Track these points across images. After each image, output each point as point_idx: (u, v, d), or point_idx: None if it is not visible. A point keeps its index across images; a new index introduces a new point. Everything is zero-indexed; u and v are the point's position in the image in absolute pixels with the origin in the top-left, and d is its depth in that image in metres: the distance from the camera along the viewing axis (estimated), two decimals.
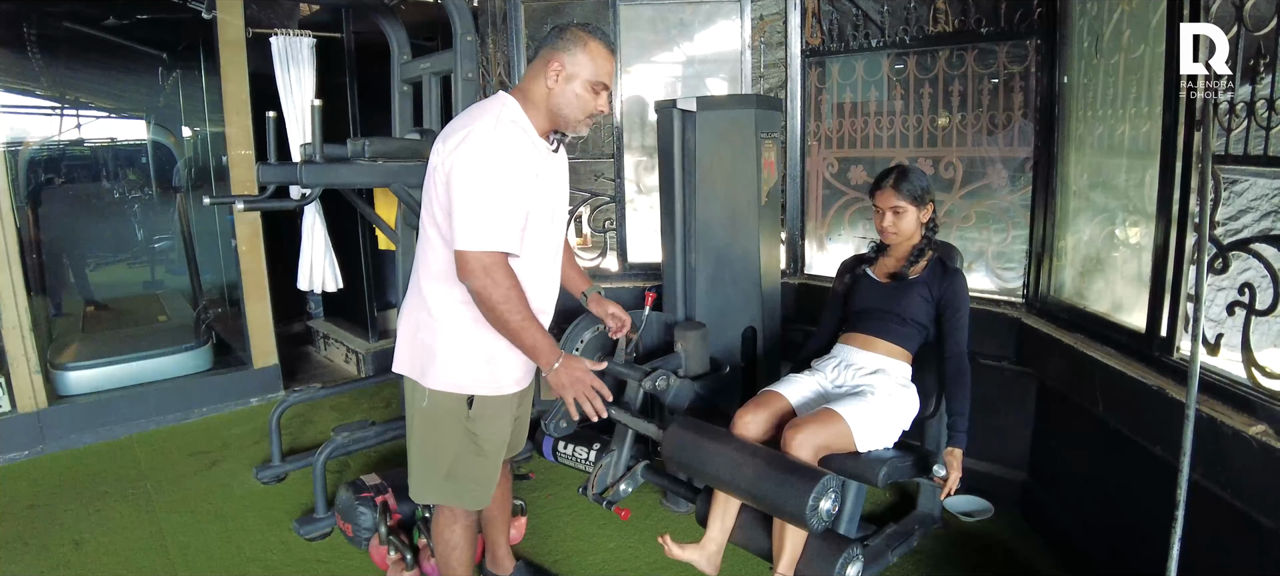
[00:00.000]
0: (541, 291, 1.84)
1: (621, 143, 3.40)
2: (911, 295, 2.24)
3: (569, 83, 1.70)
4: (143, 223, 5.07)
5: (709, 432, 2.04)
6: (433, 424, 1.84)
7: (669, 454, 2.09)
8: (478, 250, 1.60)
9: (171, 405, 3.81)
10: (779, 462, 1.88)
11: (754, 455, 1.93)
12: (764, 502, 1.88)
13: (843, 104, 3.23)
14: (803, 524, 1.79)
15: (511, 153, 1.63)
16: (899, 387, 2.16)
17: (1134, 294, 2.21)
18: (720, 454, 1.97)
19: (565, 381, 1.71)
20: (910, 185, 2.23)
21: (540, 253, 1.79)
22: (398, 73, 3.15)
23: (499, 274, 1.62)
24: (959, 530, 2.66)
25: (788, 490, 1.80)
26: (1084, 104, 2.49)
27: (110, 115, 5.01)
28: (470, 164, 1.61)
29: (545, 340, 1.69)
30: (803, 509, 1.76)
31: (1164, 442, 1.89)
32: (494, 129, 1.64)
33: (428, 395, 1.81)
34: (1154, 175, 2.06)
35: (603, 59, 1.72)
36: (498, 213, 1.61)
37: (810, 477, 1.79)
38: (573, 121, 1.75)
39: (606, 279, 3.47)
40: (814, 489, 1.75)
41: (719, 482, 1.99)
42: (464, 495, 1.90)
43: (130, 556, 2.60)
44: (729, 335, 2.78)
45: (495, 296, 1.62)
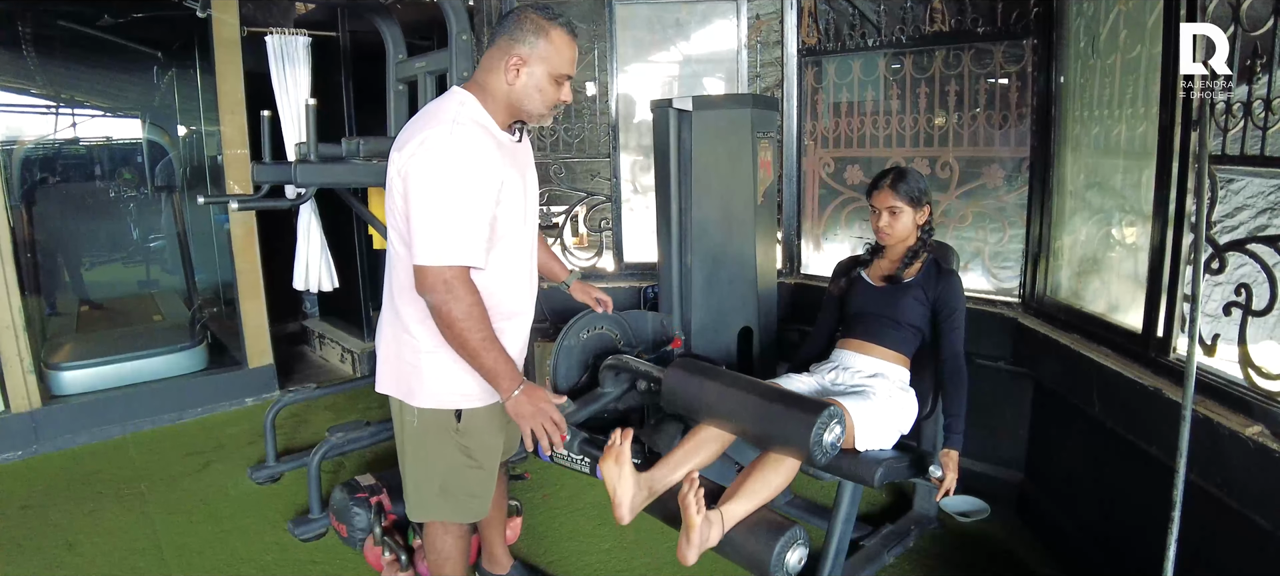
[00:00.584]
0: (518, 293, 1.78)
1: (617, 142, 3.39)
2: (906, 299, 2.24)
3: (530, 75, 1.60)
4: (138, 222, 5.04)
5: (708, 370, 1.99)
6: (423, 442, 1.79)
7: (670, 386, 2.00)
8: (437, 265, 1.52)
9: (166, 405, 3.79)
10: (783, 394, 1.84)
11: (756, 385, 1.88)
12: (766, 430, 1.81)
13: (839, 104, 3.22)
14: (805, 454, 1.73)
15: (472, 157, 1.53)
16: (899, 391, 2.15)
17: (1131, 294, 2.20)
18: (723, 384, 1.91)
19: (525, 411, 1.61)
20: (908, 186, 2.22)
21: (514, 254, 1.72)
22: (393, 72, 3.14)
23: (460, 289, 1.53)
24: (955, 530, 2.66)
25: (793, 417, 1.74)
26: (1080, 104, 2.48)
27: (105, 114, 4.98)
28: (427, 172, 1.51)
29: (506, 364, 1.60)
30: (806, 437, 1.70)
31: (1160, 443, 1.88)
32: (450, 133, 1.53)
33: (416, 415, 1.76)
34: (1150, 175, 2.05)
35: (565, 47, 1.62)
36: (458, 224, 1.52)
37: (815, 407, 1.74)
38: (535, 115, 1.67)
39: (603, 279, 3.46)
40: (819, 417, 1.70)
41: (719, 413, 1.91)
42: (461, 509, 1.86)
43: (124, 558, 2.58)
44: (725, 336, 2.77)
45: (455, 313, 1.54)
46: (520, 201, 1.69)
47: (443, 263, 1.52)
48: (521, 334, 1.84)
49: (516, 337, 1.82)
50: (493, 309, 1.70)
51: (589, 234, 3.58)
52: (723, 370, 2.00)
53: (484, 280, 1.67)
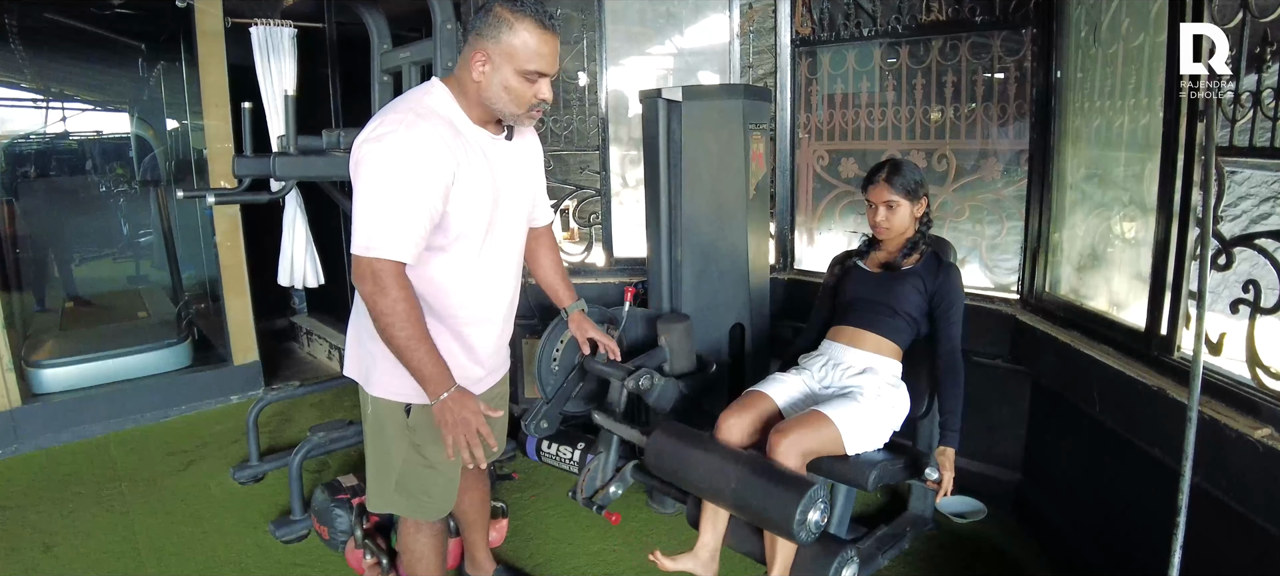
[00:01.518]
0: (483, 297, 1.70)
1: (607, 134, 3.32)
2: (904, 286, 2.17)
3: (496, 73, 1.51)
4: (123, 217, 4.97)
5: (692, 439, 1.97)
6: (378, 432, 1.75)
7: (652, 463, 2.02)
8: (365, 256, 1.47)
9: (149, 403, 3.73)
10: (764, 470, 1.81)
11: (738, 462, 1.85)
12: (750, 514, 1.82)
13: (834, 95, 3.15)
14: (790, 536, 1.73)
15: (417, 150, 1.46)
16: (889, 387, 2.09)
17: (1133, 290, 2.14)
18: (704, 462, 1.90)
19: (449, 418, 1.53)
20: (904, 179, 2.16)
21: (480, 256, 1.65)
22: (377, 63, 3.07)
23: (387, 282, 1.47)
24: (951, 531, 2.60)
25: (774, 501, 1.73)
26: (1081, 95, 2.42)
27: (89, 108, 4.91)
28: (369, 161, 1.46)
29: (435, 366, 1.52)
30: (790, 521, 1.69)
31: (1163, 445, 1.83)
32: (401, 123, 1.47)
33: (371, 403, 1.72)
34: (1154, 168, 1.99)
35: (536, 41, 1.49)
36: (392, 216, 1.46)
37: (797, 488, 1.71)
38: (509, 115, 1.57)
39: (592, 274, 3.39)
40: (801, 500, 1.68)
41: (704, 492, 1.93)
42: (417, 507, 1.81)
43: (101, 560, 2.53)
44: (716, 332, 2.70)
45: (381, 306, 1.48)
46: (485, 202, 1.60)
47: (370, 254, 1.47)
48: (489, 339, 1.77)
49: (484, 342, 1.75)
50: (450, 310, 1.65)
51: (579, 228, 3.51)
52: (701, 441, 1.99)
53: (439, 279, 1.62)
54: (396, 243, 1.47)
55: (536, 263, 2.03)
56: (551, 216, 2.04)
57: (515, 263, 1.78)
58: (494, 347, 1.79)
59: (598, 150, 3.36)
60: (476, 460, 1.56)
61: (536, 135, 1.84)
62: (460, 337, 1.70)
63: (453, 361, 1.67)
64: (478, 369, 1.76)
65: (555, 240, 2.07)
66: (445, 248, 1.59)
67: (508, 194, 1.68)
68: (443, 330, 1.67)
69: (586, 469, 2.33)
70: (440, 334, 1.66)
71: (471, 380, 1.75)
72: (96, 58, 4.53)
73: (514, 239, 1.75)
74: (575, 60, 3.33)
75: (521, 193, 1.74)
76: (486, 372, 1.80)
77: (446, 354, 1.64)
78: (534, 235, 1.99)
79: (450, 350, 1.67)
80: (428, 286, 1.62)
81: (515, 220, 1.73)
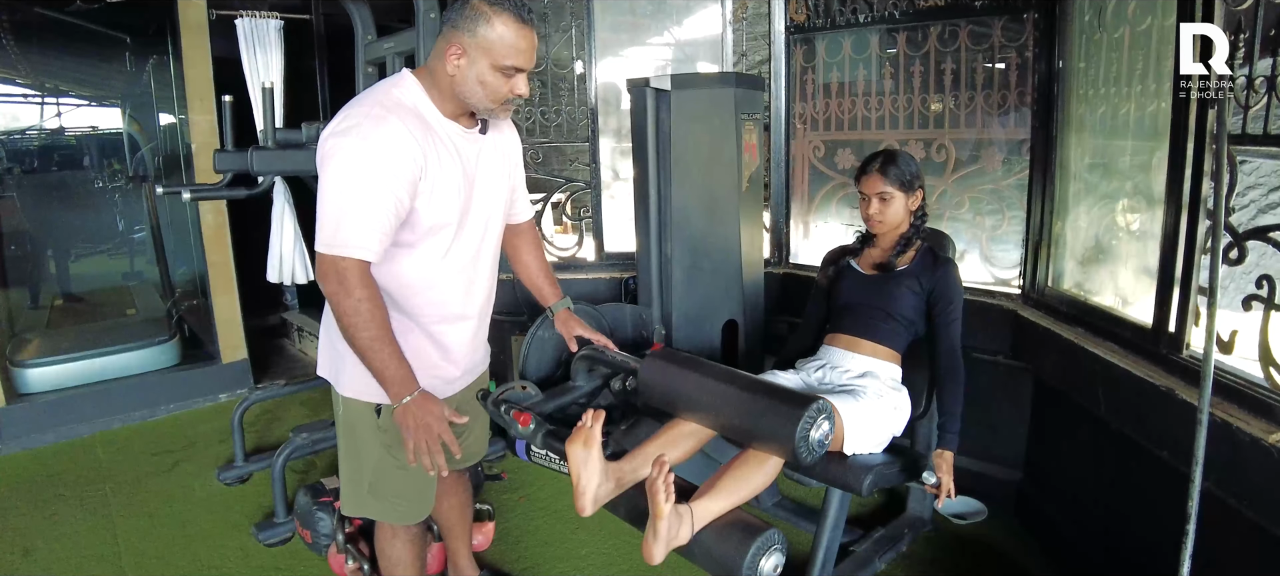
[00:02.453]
0: (453, 295, 1.64)
1: (597, 126, 3.23)
2: (899, 288, 2.09)
3: (471, 67, 1.45)
4: (110, 214, 4.90)
5: (688, 361, 1.83)
6: (349, 434, 1.70)
7: (646, 379, 1.84)
8: (328, 254, 1.42)
9: (137, 402, 3.68)
10: (768, 386, 1.69)
11: (738, 376, 1.73)
12: (748, 424, 1.67)
13: (830, 84, 3.06)
14: (790, 452, 1.58)
15: (385, 145, 1.40)
16: (891, 390, 2.01)
17: (1140, 285, 2.06)
18: (704, 376, 1.75)
19: (412, 423, 1.48)
20: (898, 170, 2.07)
21: (452, 252, 1.59)
22: (361, 54, 2.99)
23: (351, 282, 1.42)
24: (951, 533, 2.53)
25: (777, 410, 1.59)
26: (1085, 82, 2.33)
27: (75, 102, 4.84)
28: (333, 156, 1.41)
29: (398, 368, 1.47)
30: (791, 432, 1.55)
31: (1172, 448, 1.75)
32: (366, 116, 1.42)
33: (342, 403, 1.66)
34: (1162, 157, 1.90)
35: (513, 35, 1.44)
36: (356, 213, 1.40)
37: (802, 401, 1.59)
38: (483, 109, 1.52)
39: (583, 269, 3.31)
40: (806, 411, 1.56)
41: (698, 406, 1.75)
42: (391, 511, 1.75)
43: (81, 564, 2.47)
44: (707, 329, 2.63)
45: (344, 306, 1.43)
46: (456, 197, 1.54)
47: (335, 251, 1.42)
48: (463, 338, 1.70)
49: (458, 342, 1.69)
50: (420, 309, 1.60)
51: (571, 222, 3.43)
52: (703, 361, 1.85)
53: (408, 277, 1.56)
54: (360, 241, 1.42)
55: (519, 260, 1.97)
56: (532, 211, 1.96)
57: (490, 259, 1.72)
58: (469, 347, 1.73)
59: (587, 142, 3.27)
60: (438, 467, 1.51)
61: (514, 128, 1.78)
62: (432, 337, 1.64)
63: (426, 361, 1.62)
64: (452, 368, 1.70)
65: (538, 236, 2.00)
66: (414, 244, 1.54)
67: (482, 189, 1.62)
68: (414, 329, 1.61)
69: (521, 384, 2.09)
70: (411, 333, 1.60)
71: (446, 380, 1.69)
72: (81, 52, 4.46)
73: (489, 235, 1.68)
74: (565, 49, 3.24)
75: (497, 187, 1.68)
76: (462, 372, 1.74)
77: (418, 354, 1.59)
78: (515, 231, 1.93)
79: (422, 350, 1.62)
80: (396, 284, 1.56)
81: (490, 216, 1.67)
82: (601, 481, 1.62)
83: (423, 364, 1.61)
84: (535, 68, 3.16)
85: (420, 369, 1.58)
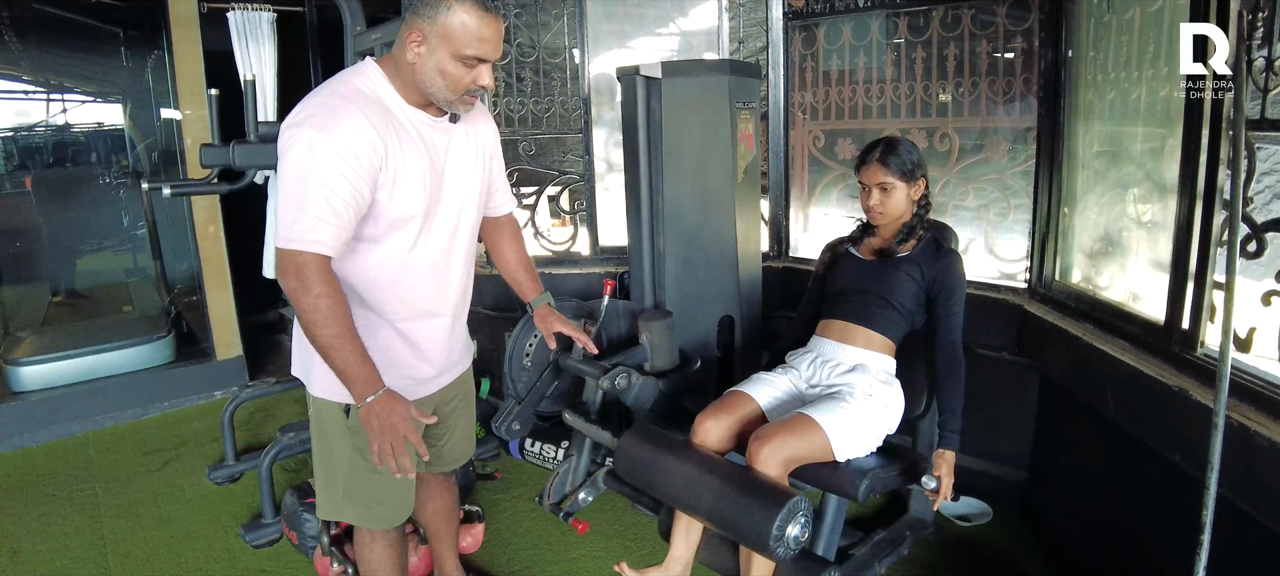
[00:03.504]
0: (422, 292, 1.58)
1: (589, 116, 3.14)
2: (898, 274, 2.00)
3: (431, 55, 1.39)
4: (106, 210, 4.86)
5: (664, 444, 1.82)
6: (321, 434, 1.65)
7: (622, 469, 1.87)
8: (287, 249, 1.37)
9: (130, 400, 3.64)
10: (741, 480, 1.66)
11: (714, 471, 1.70)
12: (725, 527, 1.67)
13: (829, 71, 2.96)
14: (768, 553, 1.58)
15: (341, 136, 1.34)
16: (882, 387, 1.92)
17: (1152, 279, 1.96)
18: (676, 469, 1.75)
19: (375, 423, 1.42)
20: (899, 159, 1.98)
21: (421, 245, 1.53)
22: (350, 45, 2.94)
23: (309, 277, 1.36)
24: (953, 534, 2.45)
25: (751, 514, 1.58)
26: (1093, 67, 2.23)
27: (67, 97, 4.79)
28: (289, 148, 1.35)
29: (361, 367, 1.41)
30: (766, 536, 1.54)
31: (1185, 451, 1.66)
32: (322, 106, 1.37)
33: (313, 403, 1.62)
34: (1175, 144, 1.80)
35: (475, 23, 1.37)
36: (313, 208, 1.34)
37: (776, 500, 1.56)
38: (443, 100, 1.45)
39: (577, 263, 3.24)
40: (779, 513, 1.53)
41: (676, 502, 1.77)
42: (366, 515, 1.69)
43: (67, 566, 2.43)
44: (702, 325, 2.55)
45: (303, 303, 1.37)
46: (421, 189, 1.48)
47: (293, 246, 1.36)
48: (436, 336, 1.65)
49: (431, 340, 1.63)
50: (388, 306, 1.54)
51: (566, 216, 3.36)
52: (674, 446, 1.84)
53: (375, 272, 1.51)
54: (315, 234, 1.36)
55: (499, 254, 1.91)
56: (513, 205, 1.90)
57: (463, 254, 1.65)
58: (443, 344, 1.67)
59: (579, 133, 3.19)
60: (403, 469, 1.45)
61: (489, 117, 1.71)
62: (402, 335, 1.58)
63: (397, 360, 1.57)
64: (426, 367, 1.65)
65: (519, 230, 1.93)
66: (379, 238, 1.48)
67: (453, 180, 1.56)
68: (383, 327, 1.56)
69: (556, 472, 2.19)
70: (380, 331, 1.55)
71: (419, 379, 1.64)
72: (73, 46, 4.41)
73: (461, 229, 1.62)
74: (557, 37, 3.16)
75: (469, 179, 1.61)
76: (438, 371, 1.68)
77: (388, 352, 1.54)
78: (495, 225, 1.87)
79: (393, 348, 1.57)
80: (362, 280, 1.51)
81: (462, 209, 1.61)
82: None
83: (394, 362, 1.56)
84: (527, 55, 3.12)
85: (391, 367, 1.53)
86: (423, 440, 1.50)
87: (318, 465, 1.70)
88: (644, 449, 1.83)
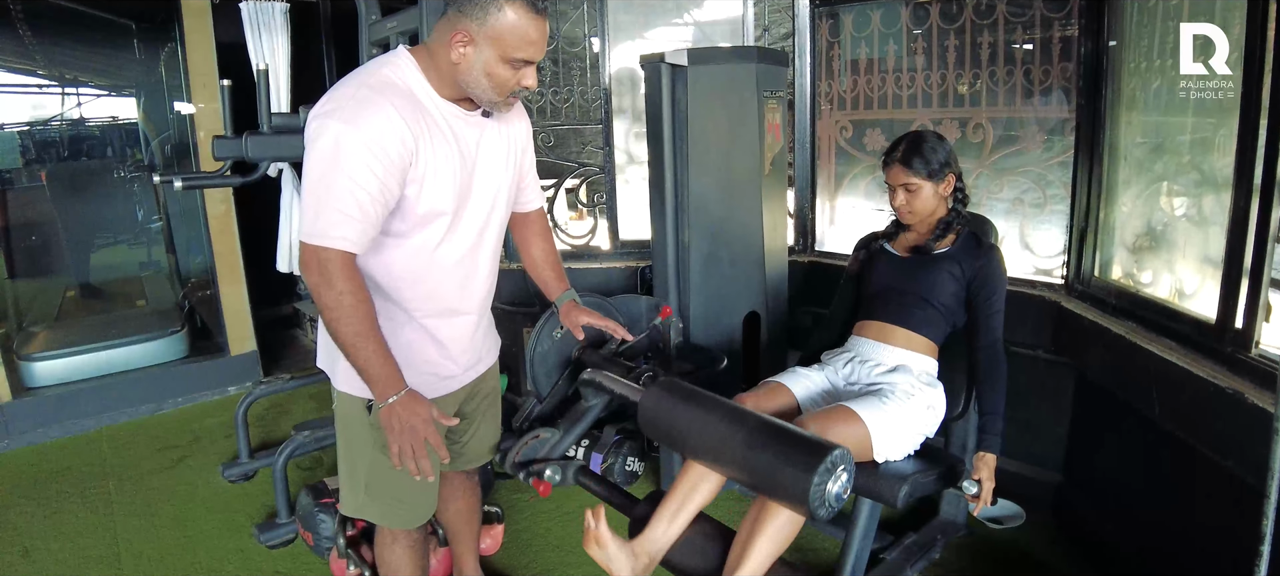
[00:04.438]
0: (448, 290, 1.53)
1: (610, 107, 3.07)
2: (938, 272, 1.92)
3: (478, 56, 1.33)
4: (118, 205, 4.83)
5: (694, 395, 1.68)
6: (346, 429, 1.61)
7: (646, 421, 1.73)
8: (311, 244, 1.32)
9: (144, 395, 3.61)
10: (777, 431, 1.53)
11: (748, 418, 1.57)
12: (757, 476, 1.53)
13: (857, 60, 2.88)
14: (804, 507, 1.44)
15: (369, 129, 1.29)
16: (924, 387, 1.84)
17: (1201, 276, 1.88)
18: (708, 415, 1.61)
19: (396, 423, 1.39)
20: (922, 159, 1.88)
21: (444, 244, 1.48)
22: (366, 35, 2.89)
23: (333, 273, 1.31)
24: (985, 537, 2.38)
25: (789, 462, 1.45)
26: (1137, 52, 2.14)
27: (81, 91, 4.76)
28: (315, 139, 1.31)
29: (382, 366, 1.38)
30: (805, 488, 1.40)
31: (1238, 456, 1.59)
32: (351, 98, 1.31)
33: (336, 396, 1.58)
34: (1228, 134, 1.73)
35: (525, 24, 1.32)
36: (339, 202, 1.29)
37: (818, 450, 1.44)
38: (486, 101, 1.40)
39: (597, 258, 3.17)
40: (822, 463, 1.40)
41: (702, 450, 1.63)
42: (388, 513, 1.65)
43: (80, 566, 2.40)
44: (728, 321, 2.48)
45: (326, 299, 1.33)
46: (451, 184, 1.43)
47: (317, 241, 1.32)
48: (461, 334, 1.59)
49: (457, 338, 1.58)
50: (414, 303, 1.49)
51: (584, 208, 3.29)
52: (707, 397, 1.69)
53: (400, 269, 1.46)
54: (340, 231, 1.31)
55: (527, 250, 1.85)
56: (542, 200, 1.85)
57: (490, 252, 1.60)
58: (468, 342, 1.62)
59: (599, 125, 3.12)
60: (423, 472, 1.41)
61: (523, 110, 1.65)
62: (428, 332, 1.53)
63: (421, 358, 1.52)
64: (451, 365, 1.60)
65: (548, 226, 1.88)
66: (406, 234, 1.43)
67: (483, 176, 1.50)
68: (408, 324, 1.51)
69: (534, 434, 2.03)
70: (405, 328, 1.50)
71: (444, 377, 1.59)
72: (86, 38, 4.38)
73: (490, 226, 1.57)
74: (577, 27, 3.09)
75: (500, 175, 1.56)
76: (463, 369, 1.63)
77: (413, 349, 1.49)
78: (524, 220, 1.81)
79: (418, 345, 1.52)
80: (386, 276, 1.46)
81: (492, 205, 1.55)
82: (633, 565, 1.64)
83: (418, 360, 1.51)
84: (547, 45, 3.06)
85: (416, 365, 1.49)
86: (444, 442, 1.46)
87: (342, 461, 1.66)
88: (671, 399, 1.70)
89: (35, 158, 4.55)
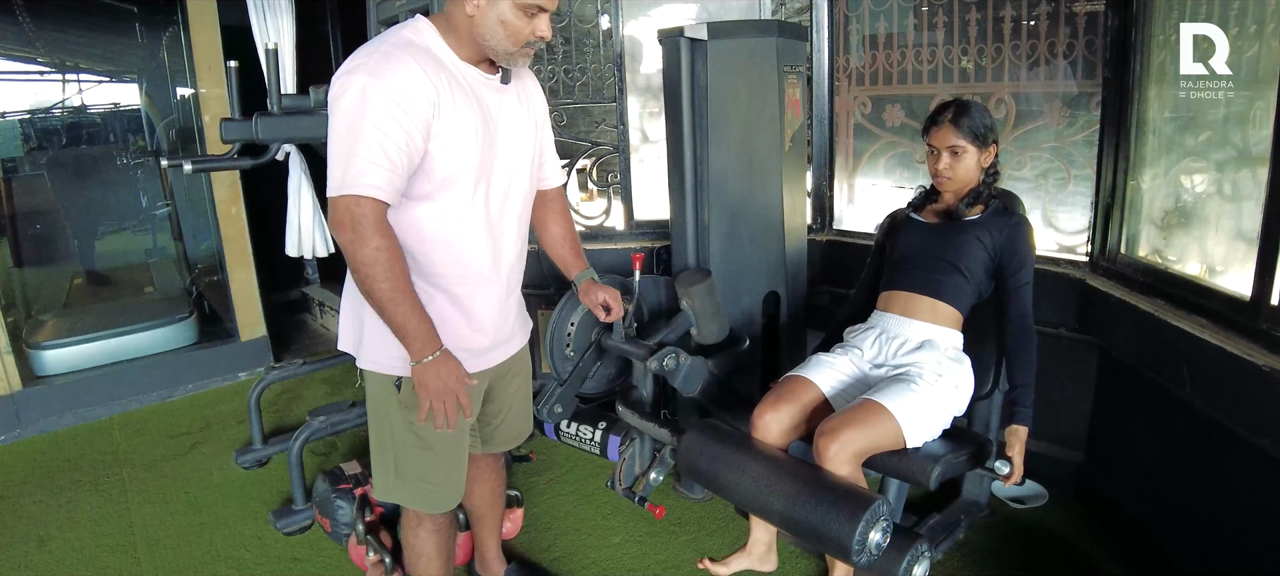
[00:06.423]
0: (475, 254, 1.51)
1: (623, 83, 3.02)
2: (966, 238, 1.88)
3: (493, 6, 1.36)
4: (126, 190, 4.78)
5: (729, 442, 1.73)
6: (376, 410, 1.60)
7: (686, 469, 1.79)
8: (341, 194, 1.31)
9: (155, 382, 3.60)
10: (817, 484, 1.57)
11: (785, 472, 1.61)
12: (801, 534, 1.60)
13: (875, 35, 2.82)
14: (848, 559, 1.50)
15: (394, 80, 1.30)
16: (951, 365, 1.81)
17: (1234, 253, 1.85)
18: (746, 471, 1.67)
19: (430, 383, 1.41)
20: (972, 121, 1.86)
21: (469, 206, 1.47)
22: (374, 12, 2.84)
23: (366, 228, 1.31)
24: (1008, 517, 2.36)
25: (830, 521, 1.50)
26: (1167, 22, 2.09)
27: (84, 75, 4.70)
28: (341, 96, 1.31)
29: (420, 325, 1.39)
30: (848, 543, 1.46)
31: (1275, 435, 1.56)
32: (375, 53, 1.33)
33: (365, 377, 1.57)
34: (1265, 106, 1.68)
35: None
36: (365, 150, 1.29)
37: (857, 504, 1.48)
38: (503, 53, 1.41)
39: (612, 238, 3.14)
40: (862, 518, 1.45)
41: (748, 506, 1.69)
42: (418, 496, 1.64)
43: (96, 555, 2.39)
44: (748, 301, 2.44)
45: (361, 254, 1.32)
46: (474, 143, 1.42)
47: (346, 192, 1.31)
48: (489, 304, 1.57)
49: (484, 308, 1.56)
50: (441, 268, 1.48)
51: (598, 188, 3.25)
52: (744, 442, 1.75)
53: (427, 231, 1.45)
54: (371, 178, 1.31)
55: (545, 230, 1.83)
56: (563, 178, 1.83)
57: (516, 222, 1.59)
58: (497, 315, 1.60)
59: (613, 102, 3.07)
60: (449, 422, 1.45)
61: (538, 84, 1.66)
62: (455, 300, 1.52)
63: (450, 328, 1.50)
64: (480, 337, 1.58)
65: (567, 205, 1.86)
66: (431, 195, 1.42)
67: (506, 142, 1.50)
68: (435, 293, 1.50)
69: (623, 457, 2.12)
70: (434, 298, 1.49)
71: (474, 350, 1.57)
72: (89, 22, 4.31)
73: (513, 194, 1.56)
74: (588, 3, 3.03)
75: (522, 144, 1.55)
76: (491, 343, 1.61)
77: (441, 320, 1.48)
78: (544, 199, 1.80)
79: (447, 316, 1.50)
80: (414, 239, 1.45)
81: (516, 172, 1.55)
82: None
83: (448, 333, 1.49)
84: (558, 22, 3.00)
85: (444, 337, 1.47)
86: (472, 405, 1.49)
87: (373, 442, 1.65)
88: (707, 447, 1.75)
89: (38, 145, 4.50)
